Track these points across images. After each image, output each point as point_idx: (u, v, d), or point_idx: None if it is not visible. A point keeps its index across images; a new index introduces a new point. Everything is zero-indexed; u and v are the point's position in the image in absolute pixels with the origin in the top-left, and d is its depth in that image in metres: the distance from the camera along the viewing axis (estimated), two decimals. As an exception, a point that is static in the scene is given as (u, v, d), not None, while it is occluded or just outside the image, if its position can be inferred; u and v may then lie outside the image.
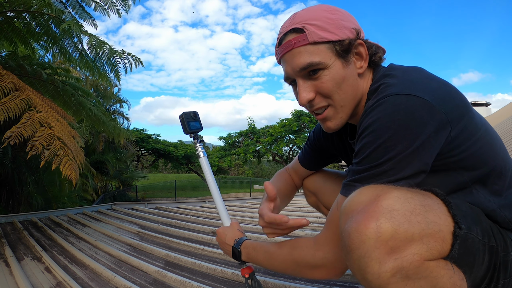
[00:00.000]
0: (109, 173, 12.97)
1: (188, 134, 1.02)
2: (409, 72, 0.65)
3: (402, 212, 0.50)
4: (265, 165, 32.17)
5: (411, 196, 0.53)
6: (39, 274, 1.59)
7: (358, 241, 0.50)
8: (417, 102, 0.56)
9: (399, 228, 0.49)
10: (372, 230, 0.49)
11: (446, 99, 0.59)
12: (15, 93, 2.50)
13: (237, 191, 18.42)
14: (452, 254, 0.52)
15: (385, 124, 0.57)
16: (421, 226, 0.50)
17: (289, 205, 3.66)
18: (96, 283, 1.45)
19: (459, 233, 0.52)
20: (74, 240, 2.28)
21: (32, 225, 2.86)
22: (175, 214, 3.22)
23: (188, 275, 1.49)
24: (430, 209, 0.53)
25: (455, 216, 0.54)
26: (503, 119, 9.87)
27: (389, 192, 0.53)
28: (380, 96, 0.60)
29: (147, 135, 21.02)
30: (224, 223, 1.01)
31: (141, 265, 1.62)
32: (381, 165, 0.57)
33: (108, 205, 3.82)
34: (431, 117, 0.56)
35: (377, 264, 0.48)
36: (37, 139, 2.30)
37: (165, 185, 20.50)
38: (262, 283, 1.30)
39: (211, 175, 1.03)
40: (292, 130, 17.44)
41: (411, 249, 0.49)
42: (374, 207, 0.51)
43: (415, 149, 0.56)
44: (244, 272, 0.94)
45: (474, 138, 0.61)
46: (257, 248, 0.85)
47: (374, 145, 0.57)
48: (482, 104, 15.80)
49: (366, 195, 0.54)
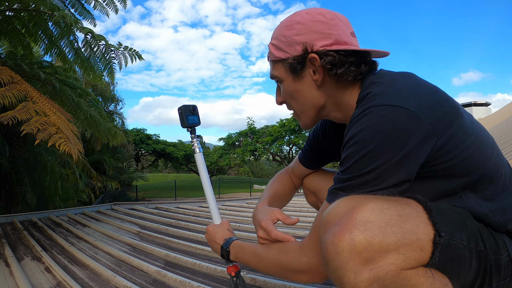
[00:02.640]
0: (107, 173, 12.96)
1: (186, 128, 1.01)
2: (397, 80, 0.65)
3: (377, 224, 0.51)
4: (265, 165, 32.16)
5: (387, 206, 0.54)
6: (39, 274, 1.59)
7: (334, 252, 0.51)
8: (402, 113, 0.57)
9: (373, 240, 0.50)
10: (346, 243, 0.50)
11: (433, 108, 0.59)
12: (12, 85, 2.50)
13: (237, 191, 18.40)
14: (432, 261, 0.53)
15: (370, 135, 0.57)
16: (396, 237, 0.51)
17: (289, 205, 3.66)
18: (96, 283, 1.45)
19: (439, 241, 0.53)
20: (74, 240, 2.28)
21: (32, 225, 2.86)
22: (175, 214, 3.22)
23: (188, 275, 1.49)
24: (408, 219, 0.53)
25: (435, 223, 0.54)
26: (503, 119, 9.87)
27: (365, 204, 0.53)
28: (366, 106, 0.61)
29: (147, 135, 21.03)
30: (215, 221, 1.01)
31: (141, 265, 1.62)
32: (364, 175, 0.58)
33: (108, 205, 3.82)
34: (416, 127, 0.56)
35: (353, 275, 0.50)
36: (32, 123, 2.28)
37: (165, 185, 20.48)
38: (262, 283, 1.30)
39: (205, 171, 1.02)
40: (292, 130, 17.44)
41: (387, 259, 0.50)
42: (349, 219, 0.52)
43: (399, 160, 0.56)
44: (230, 271, 0.95)
45: (462, 146, 0.60)
46: (245, 249, 0.86)
47: (358, 155, 0.58)
48: (482, 104, 15.80)
49: (343, 207, 0.56)
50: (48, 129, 2.30)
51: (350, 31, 0.71)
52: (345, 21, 0.71)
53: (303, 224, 2.43)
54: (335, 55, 0.66)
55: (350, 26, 0.72)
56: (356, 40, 0.71)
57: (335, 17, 0.69)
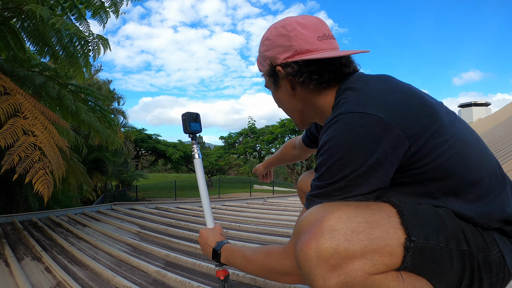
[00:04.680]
0: (107, 172, 12.95)
1: (188, 134, 1.06)
2: (370, 84, 0.65)
3: (343, 232, 0.53)
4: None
5: (355, 214, 0.55)
6: (39, 274, 1.59)
7: (303, 259, 0.54)
8: (371, 120, 0.57)
9: (338, 248, 0.52)
10: (313, 250, 0.53)
11: (405, 114, 0.58)
12: (3, 97, 2.46)
13: (237, 191, 18.41)
14: (404, 265, 0.54)
15: (338, 143, 0.59)
16: (363, 243, 0.52)
17: (288, 204, 3.67)
18: (96, 283, 1.45)
19: (410, 246, 0.53)
20: (74, 240, 2.28)
21: (32, 225, 2.86)
22: (175, 214, 3.22)
23: (188, 275, 1.49)
24: (376, 225, 0.54)
25: (406, 228, 0.55)
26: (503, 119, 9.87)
27: (333, 212, 0.55)
28: (336, 113, 0.62)
29: (147, 135, 21.03)
30: (208, 224, 1.06)
31: (141, 265, 1.62)
32: (336, 182, 0.60)
33: (108, 205, 3.82)
34: (385, 134, 0.57)
35: (322, 280, 0.52)
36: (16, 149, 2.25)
37: (165, 185, 20.49)
38: (262, 283, 1.30)
39: (202, 177, 1.08)
40: (292, 130, 17.44)
41: (354, 265, 0.52)
42: (316, 229, 0.54)
43: (370, 167, 0.57)
44: (219, 274, 1.00)
45: (439, 150, 0.59)
46: (234, 252, 0.89)
47: (329, 163, 0.60)
48: (482, 104, 15.76)
49: (313, 215, 0.58)
50: (31, 155, 2.27)
51: (319, 35, 0.70)
52: (313, 26, 0.71)
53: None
54: (294, 65, 0.70)
55: (320, 29, 0.71)
56: (327, 43, 0.71)
57: (298, 27, 0.70)
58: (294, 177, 18.53)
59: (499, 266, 0.59)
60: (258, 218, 2.80)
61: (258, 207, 3.54)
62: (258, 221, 2.69)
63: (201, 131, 1.08)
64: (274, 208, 3.46)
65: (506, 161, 3.57)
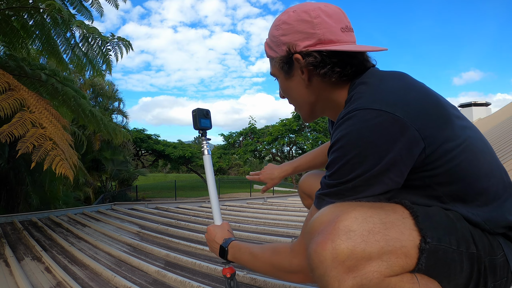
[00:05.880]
0: (106, 169, 12.97)
1: (198, 130, 1.05)
2: (385, 81, 0.63)
3: (360, 233, 0.51)
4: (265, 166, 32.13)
5: (371, 214, 0.54)
6: (39, 274, 1.59)
7: (317, 261, 0.52)
8: (388, 118, 0.55)
9: (355, 249, 0.50)
10: (329, 252, 0.51)
11: (421, 114, 0.57)
12: (9, 93, 2.48)
13: (237, 191, 18.40)
14: (418, 267, 0.53)
15: (353, 141, 0.57)
16: (380, 245, 0.51)
17: (289, 205, 3.67)
18: (96, 283, 1.45)
19: (425, 247, 0.52)
20: (74, 240, 2.28)
21: (32, 225, 2.86)
22: (175, 214, 3.22)
23: (188, 275, 1.49)
24: (392, 226, 0.53)
25: (421, 229, 0.54)
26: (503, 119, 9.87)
27: (348, 212, 0.54)
28: (350, 108, 0.59)
29: (147, 135, 21.01)
30: (216, 221, 1.04)
31: (141, 265, 1.62)
32: (349, 182, 0.58)
33: (108, 205, 3.82)
34: (401, 134, 0.55)
35: (337, 282, 0.51)
36: (28, 138, 2.27)
37: (165, 185, 20.47)
38: (262, 283, 1.30)
39: (211, 173, 1.06)
40: (292, 130, 17.42)
41: (370, 267, 0.50)
42: (331, 228, 0.52)
43: (384, 167, 0.55)
44: (225, 272, 0.97)
45: (451, 154, 0.58)
46: (242, 250, 0.88)
47: (342, 161, 0.58)
48: (482, 104, 15.73)
49: (327, 215, 0.56)
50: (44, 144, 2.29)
51: (342, 26, 0.67)
52: (336, 15, 0.67)
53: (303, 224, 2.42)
54: (316, 55, 0.65)
55: (343, 20, 0.68)
56: (349, 36, 0.67)
57: (322, 14, 0.66)
58: (294, 177, 18.52)
59: (503, 269, 0.59)
60: (258, 218, 2.80)
61: (258, 207, 3.54)
62: (258, 221, 2.69)
63: (211, 127, 1.07)
64: (274, 208, 3.46)
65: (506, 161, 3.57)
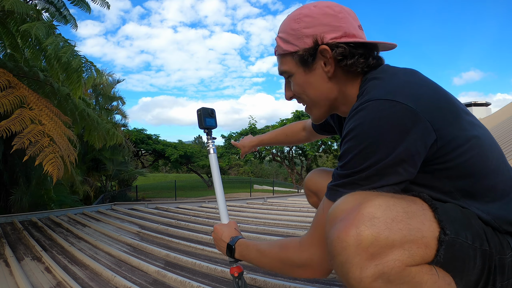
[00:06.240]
0: (106, 172, 12.96)
1: (203, 129, 1.06)
2: (398, 75, 0.64)
3: (383, 220, 0.51)
4: (265, 166, 32.19)
5: (393, 203, 0.54)
6: (39, 274, 1.59)
7: (340, 247, 0.52)
8: (401, 109, 0.56)
9: (379, 236, 0.50)
10: (353, 238, 0.50)
11: (432, 107, 0.58)
12: (9, 90, 2.48)
13: (237, 191, 18.41)
14: (437, 259, 0.53)
15: (366, 131, 0.57)
16: (402, 233, 0.51)
17: (289, 205, 3.67)
18: (96, 283, 1.45)
19: (444, 239, 0.53)
20: (74, 240, 2.28)
21: (32, 225, 2.86)
22: (175, 214, 3.22)
23: (188, 275, 1.49)
24: (414, 216, 0.53)
25: (440, 221, 0.54)
26: (503, 119, 9.87)
27: (371, 200, 0.53)
28: (363, 100, 0.60)
29: (147, 135, 21.02)
30: (223, 220, 1.04)
31: (141, 265, 1.62)
32: (362, 171, 0.58)
33: (108, 205, 3.82)
34: (414, 125, 0.55)
35: (358, 270, 0.50)
36: (25, 134, 2.27)
37: (165, 185, 20.48)
38: (262, 283, 1.30)
39: (217, 172, 1.06)
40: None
41: (392, 255, 0.50)
42: (355, 215, 0.52)
43: (398, 156, 0.56)
44: (233, 271, 0.96)
45: (461, 149, 0.59)
46: (249, 247, 0.87)
47: (355, 150, 0.58)
48: (482, 104, 15.78)
49: (349, 202, 0.55)
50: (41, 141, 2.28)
51: (358, 24, 0.71)
52: (353, 14, 0.72)
53: (303, 224, 2.43)
54: (345, 47, 0.67)
55: (357, 19, 0.72)
56: (363, 33, 0.71)
57: (343, 10, 0.69)
58: (294, 177, 18.53)
59: (511, 269, 0.59)
60: (258, 218, 2.80)
61: (258, 207, 3.54)
62: (258, 221, 2.69)
63: (216, 126, 1.07)
64: (274, 208, 3.46)
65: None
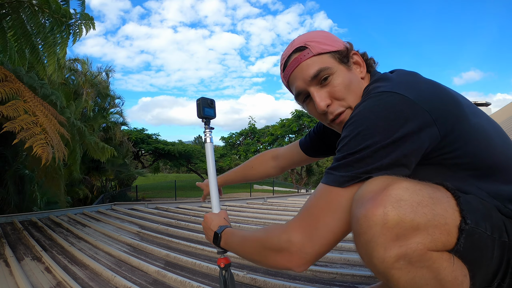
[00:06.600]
0: (106, 172, 12.97)
1: (201, 119, 1.06)
2: (402, 76, 0.69)
3: (410, 203, 0.52)
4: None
5: (420, 188, 0.55)
6: (39, 274, 1.59)
7: (366, 226, 0.52)
8: (400, 98, 0.59)
9: (405, 217, 0.51)
10: (379, 217, 0.51)
11: (432, 99, 0.61)
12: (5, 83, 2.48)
13: (237, 191, 18.40)
14: (457, 247, 0.53)
15: (365, 115, 0.60)
16: (427, 217, 0.52)
17: (289, 205, 3.67)
18: (96, 283, 1.45)
19: (465, 228, 0.53)
20: (74, 240, 2.28)
21: (32, 225, 2.86)
22: (175, 214, 3.22)
23: (188, 275, 1.49)
24: (438, 202, 0.54)
25: (462, 210, 0.55)
26: (503, 119, 9.88)
27: (399, 182, 0.54)
28: (366, 97, 0.65)
29: (147, 135, 21.03)
30: (214, 209, 1.03)
31: (141, 265, 1.62)
32: (358, 153, 0.59)
33: (108, 205, 3.82)
34: (413, 114, 0.58)
35: (382, 249, 0.51)
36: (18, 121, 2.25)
37: (165, 185, 20.49)
38: (262, 283, 1.30)
39: (212, 161, 1.06)
40: (292, 130, 17.45)
41: (416, 238, 0.51)
42: (382, 195, 0.53)
43: (394, 141, 0.57)
44: (220, 262, 0.94)
45: (467, 136, 0.61)
46: (235, 234, 0.86)
47: (352, 133, 0.60)
48: (482, 104, 15.79)
49: (377, 184, 0.56)
50: (33, 129, 2.27)
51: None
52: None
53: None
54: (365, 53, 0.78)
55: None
56: None
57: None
58: (294, 177, 18.53)
59: None
60: (258, 218, 2.80)
61: (258, 207, 3.54)
62: (258, 221, 2.69)
63: (215, 117, 1.07)
64: (274, 208, 3.46)
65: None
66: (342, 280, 1.32)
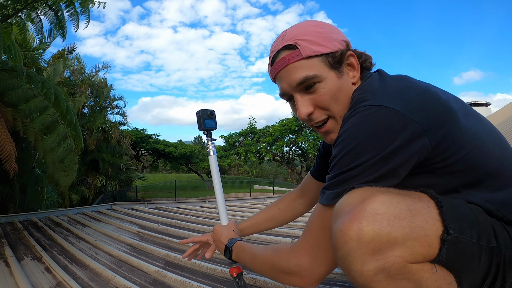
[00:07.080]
0: (106, 173, 12.97)
1: (202, 131, 1.06)
2: (386, 82, 0.66)
3: (386, 217, 0.52)
4: (265, 165, 32.21)
5: (398, 200, 0.54)
6: (39, 274, 1.59)
7: (342, 241, 0.53)
8: (387, 112, 0.57)
9: (380, 232, 0.51)
10: (354, 232, 0.51)
11: (422, 108, 0.58)
12: None
13: (237, 191, 18.40)
14: (439, 258, 0.53)
15: (353, 134, 0.59)
16: (405, 231, 0.51)
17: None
18: (96, 283, 1.45)
19: (447, 238, 0.53)
20: (74, 240, 2.28)
21: (32, 225, 2.86)
22: (175, 214, 3.22)
23: (188, 275, 1.49)
24: (418, 214, 0.54)
25: (444, 220, 0.54)
26: (503, 119, 9.88)
27: (376, 196, 0.54)
28: (353, 109, 0.62)
29: (147, 135, 21.02)
30: (222, 221, 1.05)
31: (141, 265, 1.62)
32: (348, 171, 0.59)
33: (108, 205, 3.82)
34: (402, 127, 0.56)
35: (360, 263, 0.51)
36: None
37: (165, 185, 20.47)
38: (262, 283, 1.30)
39: (217, 173, 1.07)
40: (292, 130, 17.42)
41: (394, 251, 0.51)
42: (358, 210, 0.53)
43: (383, 157, 0.56)
44: (232, 271, 0.98)
45: (458, 143, 0.59)
46: (245, 249, 0.88)
47: (342, 152, 0.59)
48: (482, 104, 15.81)
49: (355, 197, 0.56)
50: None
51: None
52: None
53: (303, 224, 2.42)
54: (363, 52, 0.71)
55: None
56: None
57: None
58: (294, 177, 18.53)
59: None
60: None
61: (258, 207, 3.54)
62: (258, 221, 2.68)
63: (216, 127, 1.07)
64: (274, 208, 3.46)
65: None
66: (342, 280, 1.32)
